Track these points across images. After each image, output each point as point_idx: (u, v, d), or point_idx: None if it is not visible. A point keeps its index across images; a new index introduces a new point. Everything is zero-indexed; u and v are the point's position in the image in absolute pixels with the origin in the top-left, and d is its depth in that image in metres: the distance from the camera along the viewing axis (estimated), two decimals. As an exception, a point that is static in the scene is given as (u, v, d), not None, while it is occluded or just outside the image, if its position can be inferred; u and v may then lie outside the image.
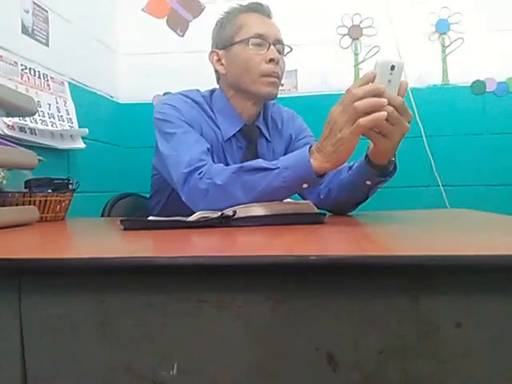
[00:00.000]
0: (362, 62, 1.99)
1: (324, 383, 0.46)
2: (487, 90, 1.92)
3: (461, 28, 1.94)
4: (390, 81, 0.74)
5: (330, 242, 0.64)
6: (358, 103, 0.74)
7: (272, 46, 1.09)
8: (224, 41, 1.14)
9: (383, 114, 0.73)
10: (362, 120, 0.74)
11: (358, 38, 2.00)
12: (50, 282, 0.49)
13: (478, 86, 1.92)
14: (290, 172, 0.85)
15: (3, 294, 0.49)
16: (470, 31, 1.93)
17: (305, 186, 0.85)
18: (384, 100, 0.73)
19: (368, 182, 0.93)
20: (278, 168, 0.86)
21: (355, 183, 0.96)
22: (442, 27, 1.96)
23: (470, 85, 1.93)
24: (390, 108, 0.74)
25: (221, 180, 0.89)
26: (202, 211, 0.84)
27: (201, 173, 0.93)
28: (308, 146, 0.85)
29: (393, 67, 0.74)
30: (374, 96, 0.74)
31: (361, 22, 2.00)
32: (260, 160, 0.91)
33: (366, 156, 0.90)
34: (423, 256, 0.45)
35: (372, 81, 0.75)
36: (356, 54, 2.00)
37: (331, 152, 0.80)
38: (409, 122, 0.77)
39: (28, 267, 0.48)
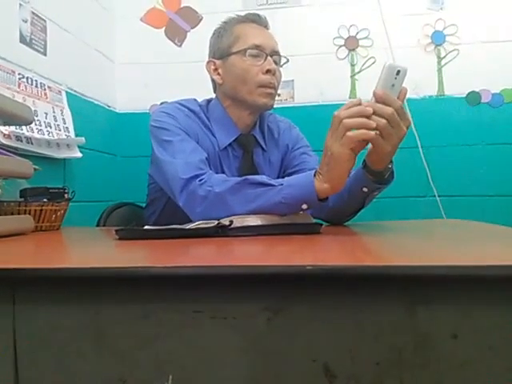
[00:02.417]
0: (359, 72, 2.01)
1: (320, 395, 0.46)
2: (482, 100, 1.93)
3: (456, 39, 1.96)
4: (393, 85, 0.78)
5: (327, 252, 0.64)
6: (346, 120, 0.78)
7: (269, 57, 1.10)
8: (221, 51, 1.14)
9: (372, 133, 0.76)
10: (351, 133, 0.77)
11: (354, 49, 2.02)
12: (44, 291, 0.48)
13: (473, 97, 1.94)
14: (292, 190, 0.86)
15: (-3, 303, 0.48)
16: (466, 43, 1.95)
17: (304, 206, 0.87)
18: (372, 123, 0.76)
19: (365, 189, 0.93)
20: (282, 185, 0.87)
21: (352, 190, 0.96)
22: (438, 39, 1.97)
23: (465, 96, 1.94)
24: (391, 109, 0.76)
25: (222, 189, 0.90)
26: (199, 222, 0.83)
27: (201, 180, 0.93)
28: (314, 169, 0.87)
29: (398, 72, 0.77)
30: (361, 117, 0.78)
31: (357, 33, 2.01)
32: (265, 176, 0.92)
33: (363, 162, 0.91)
34: (420, 266, 0.45)
35: (376, 85, 0.78)
36: (352, 65, 2.02)
37: (326, 171, 0.83)
38: (406, 128, 0.79)
39: (22, 277, 0.48)
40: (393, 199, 1.82)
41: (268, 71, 1.09)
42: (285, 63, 1.17)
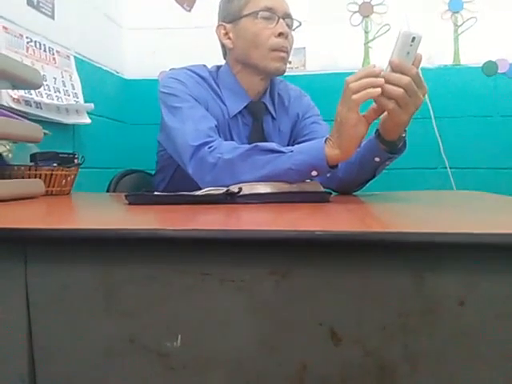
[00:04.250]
0: (372, 40, 1.96)
1: (326, 358, 0.46)
2: (499, 71, 1.88)
3: (474, 7, 1.90)
4: (408, 52, 0.76)
5: (335, 219, 0.64)
6: (352, 84, 0.77)
7: (281, 20, 1.07)
8: (232, 14, 1.11)
9: (377, 90, 0.76)
10: (355, 95, 0.77)
11: (368, 16, 1.96)
12: (55, 252, 0.49)
13: (490, 67, 1.89)
14: (302, 156, 0.86)
15: (9, 263, 0.49)
16: (484, 10, 1.89)
17: (314, 173, 0.86)
18: (378, 79, 0.76)
19: (376, 159, 0.92)
20: (292, 152, 0.87)
21: (363, 160, 0.95)
22: (456, 6, 1.91)
23: (481, 66, 1.89)
24: (408, 78, 0.76)
25: (231, 156, 0.89)
26: (208, 188, 0.84)
27: (211, 147, 0.93)
28: (325, 137, 0.86)
29: (413, 39, 0.76)
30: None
31: (372, -1, 1.96)
32: (275, 144, 0.92)
33: (376, 131, 0.90)
34: (428, 233, 0.44)
35: (392, 54, 0.77)
36: (366, 32, 1.97)
37: (337, 137, 0.83)
38: (423, 95, 0.78)
39: (34, 237, 0.48)
40: (403, 170, 1.81)
41: (281, 34, 1.06)
42: (297, 27, 1.14)
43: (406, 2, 1.91)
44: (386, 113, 0.81)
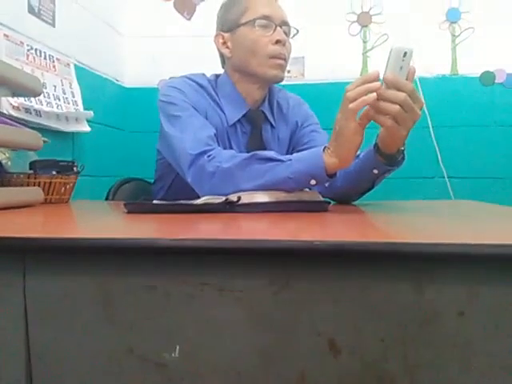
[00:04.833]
0: (371, 49, 1.97)
1: (325, 369, 0.46)
2: (496, 81, 1.90)
3: (472, 17, 1.92)
4: (401, 67, 0.76)
5: (334, 229, 0.64)
6: (348, 93, 0.78)
7: (278, 28, 1.08)
8: (229, 23, 1.12)
9: (372, 95, 0.76)
10: (352, 104, 0.77)
11: (367, 26, 1.98)
12: (54, 261, 0.49)
13: (487, 77, 1.90)
14: (300, 164, 0.86)
15: (8, 272, 0.49)
16: (482, 20, 1.90)
17: (312, 182, 0.86)
18: (374, 84, 0.76)
19: (375, 171, 0.92)
20: (290, 160, 0.87)
21: (361, 172, 0.95)
22: (453, 16, 1.93)
23: (478, 76, 1.91)
24: (403, 95, 0.75)
25: (230, 164, 0.89)
26: (207, 197, 0.84)
27: (210, 156, 0.93)
28: (324, 145, 0.87)
29: (405, 54, 0.76)
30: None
31: (370, 8, 1.97)
32: (273, 152, 0.92)
33: (375, 145, 0.90)
34: (427, 244, 0.44)
35: (385, 71, 0.77)
36: (365, 42, 1.98)
37: (335, 146, 0.83)
38: (420, 109, 0.78)
39: (33, 246, 0.48)
40: (401, 180, 1.81)
41: (278, 41, 1.07)
42: (295, 35, 1.14)
43: (404, 12, 1.93)
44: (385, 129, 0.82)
